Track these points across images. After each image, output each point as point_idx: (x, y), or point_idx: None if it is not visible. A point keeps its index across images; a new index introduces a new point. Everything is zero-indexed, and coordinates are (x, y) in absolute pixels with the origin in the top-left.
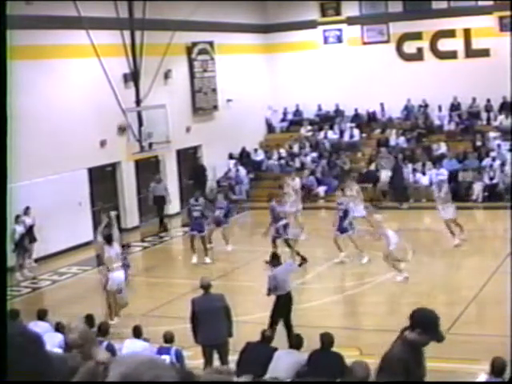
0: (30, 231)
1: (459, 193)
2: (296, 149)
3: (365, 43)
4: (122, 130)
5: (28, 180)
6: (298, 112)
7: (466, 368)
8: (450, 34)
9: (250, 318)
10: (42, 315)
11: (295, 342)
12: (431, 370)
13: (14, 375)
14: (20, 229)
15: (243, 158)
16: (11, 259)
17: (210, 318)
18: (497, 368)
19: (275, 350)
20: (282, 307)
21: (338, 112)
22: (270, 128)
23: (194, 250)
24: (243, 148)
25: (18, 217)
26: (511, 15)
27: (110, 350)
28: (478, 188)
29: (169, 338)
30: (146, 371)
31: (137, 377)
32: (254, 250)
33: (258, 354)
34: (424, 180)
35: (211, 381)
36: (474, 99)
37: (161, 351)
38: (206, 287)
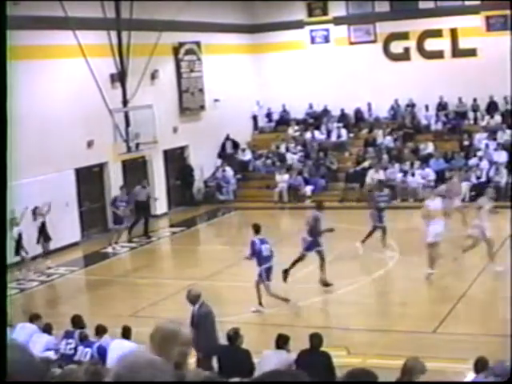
0: (42, 230)
1: None
2: (283, 149)
3: (352, 43)
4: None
5: (15, 181)
6: (285, 112)
7: (453, 367)
8: (437, 33)
9: (238, 318)
10: (33, 319)
11: (280, 342)
12: None
13: None
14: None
15: (227, 155)
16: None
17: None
18: (480, 365)
19: (243, 350)
20: None
21: (325, 112)
22: (256, 125)
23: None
24: (227, 135)
25: (13, 219)
26: (511, 14)
27: (101, 351)
28: (464, 187)
29: None
30: (141, 371)
31: (132, 377)
32: (242, 250)
33: (228, 357)
34: (411, 179)
35: (210, 381)
36: (460, 99)
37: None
38: (197, 298)
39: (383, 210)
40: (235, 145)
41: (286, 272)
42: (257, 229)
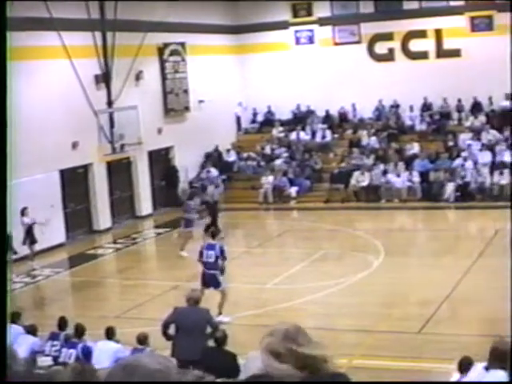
0: (29, 232)
1: (431, 193)
2: (268, 150)
3: (336, 44)
4: None
5: None
6: (269, 113)
7: (439, 367)
8: (421, 34)
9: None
10: (15, 318)
11: None
12: (405, 370)
13: None
14: None
15: (213, 158)
16: None
17: (191, 333)
18: (465, 365)
19: (229, 352)
20: None
21: (310, 113)
22: (239, 125)
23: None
24: (216, 146)
25: None
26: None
27: (86, 351)
28: (449, 188)
29: (142, 339)
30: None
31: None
32: (229, 251)
33: (213, 359)
34: (396, 180)
35: (206, 381)
36: (444, 99)
37: (135, 353)
38: (195, 301)
39: None
40: (220, 157)
41: None
42: (212, 234)
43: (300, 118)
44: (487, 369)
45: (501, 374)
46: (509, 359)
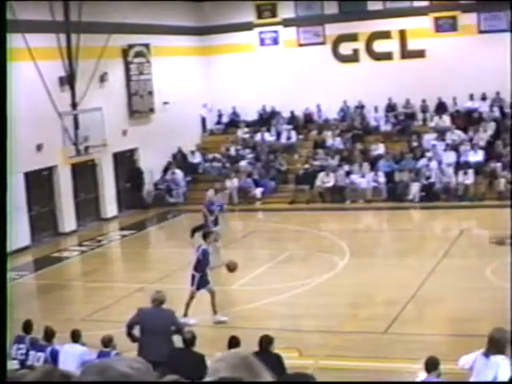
0: None
1: (396, 193)
2: (233, 151)
3: (301, 45)
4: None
5: None
6: (234, 114)
7: (405, 367)
8: (386, 35)
9: (187, 321)
10: None
11: (232, 344)
12: (371, 370)
13: None
14: None
15: (177, 160)
16: None
17: (156, 334)
18: (431, 365)
19: (197, 353)
20: None
21: (275, 114)
22: (204, 127)
23: None
24: (179, 148)
25: None
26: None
27: (54, 355)
28: (414, 188)
29: (107, 342)
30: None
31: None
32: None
33: (181, 360)
34: (361, 181)
35: (202, 381)
36: (407, 100)
37: (101, 356)
38: (160, 302)
39: None
40: (185, 159)
41: None
42: (204, 236)
43: (265, 119)
44: (487, 355)
45: (501, 358)
46: (506, 346)
